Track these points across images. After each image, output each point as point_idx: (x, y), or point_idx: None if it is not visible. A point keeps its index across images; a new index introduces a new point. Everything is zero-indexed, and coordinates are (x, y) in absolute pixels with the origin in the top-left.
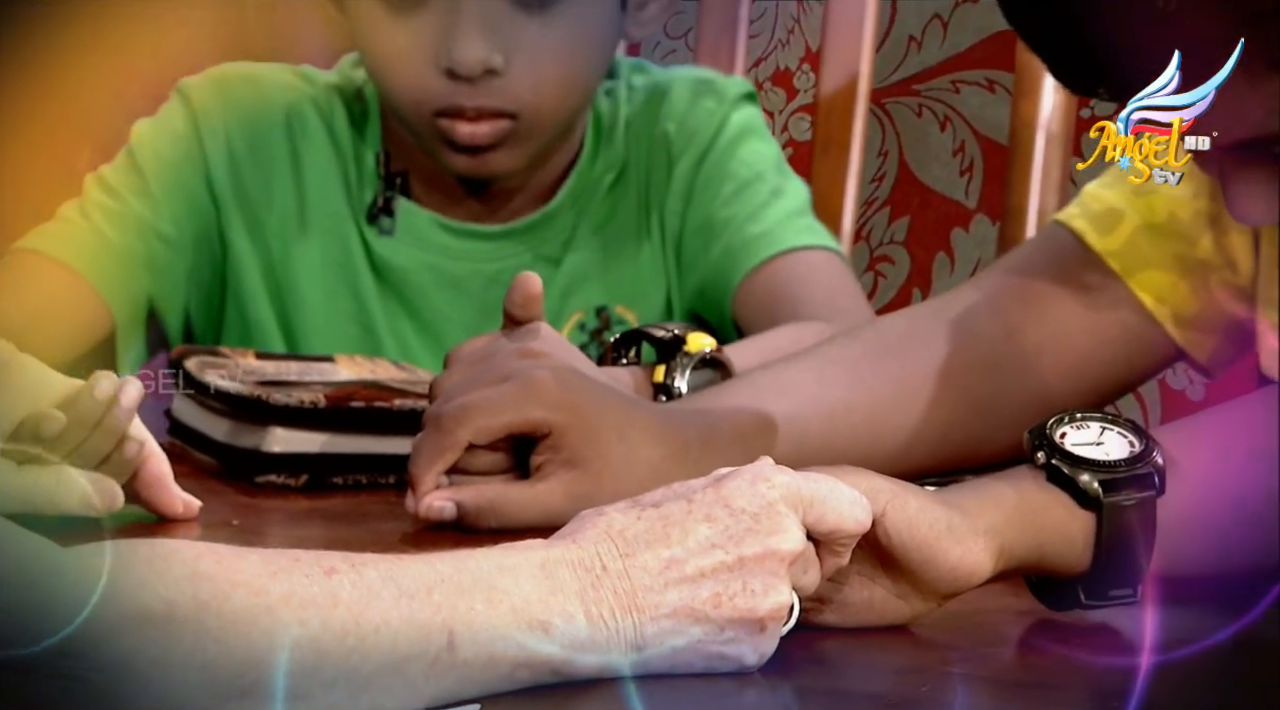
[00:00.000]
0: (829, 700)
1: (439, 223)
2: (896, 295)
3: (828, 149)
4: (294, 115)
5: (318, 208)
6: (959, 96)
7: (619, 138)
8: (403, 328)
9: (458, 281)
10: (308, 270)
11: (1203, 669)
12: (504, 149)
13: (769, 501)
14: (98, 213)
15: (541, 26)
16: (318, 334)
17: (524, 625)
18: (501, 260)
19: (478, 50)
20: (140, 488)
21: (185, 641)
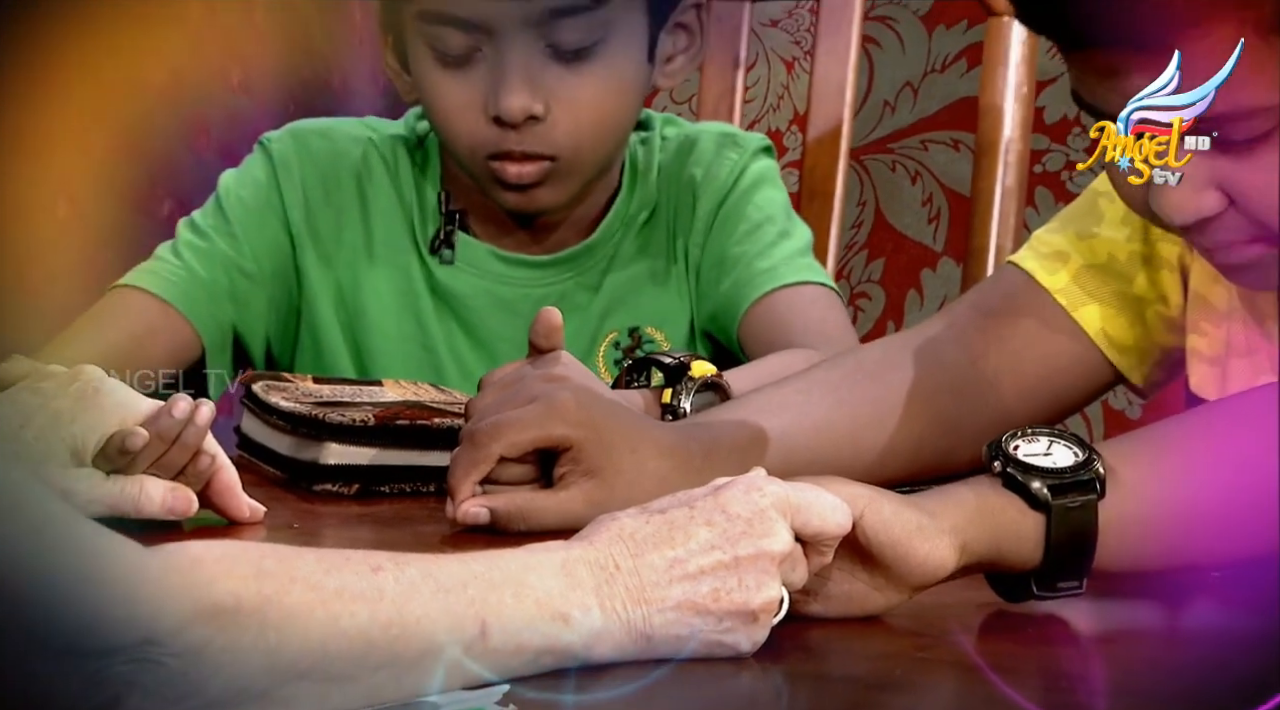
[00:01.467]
0: (814, 682)
1: (494, 253)
2: (873, 327)
3: (813, 199)
4: (362, 162)
5: (384, 242)
6: (928, 154)
7: (652, 181)
8: (460, 346)
9: (510, 304)
10: (375, 298)
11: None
12: (547, 186)
13: (761, 508)
14: (188, 251)
15: (576, 78)
16: (384, 354)
17: (547, 617)
18: (549, 285)
19: (521, 100)
20: (212, 495)
21: (251, 631)
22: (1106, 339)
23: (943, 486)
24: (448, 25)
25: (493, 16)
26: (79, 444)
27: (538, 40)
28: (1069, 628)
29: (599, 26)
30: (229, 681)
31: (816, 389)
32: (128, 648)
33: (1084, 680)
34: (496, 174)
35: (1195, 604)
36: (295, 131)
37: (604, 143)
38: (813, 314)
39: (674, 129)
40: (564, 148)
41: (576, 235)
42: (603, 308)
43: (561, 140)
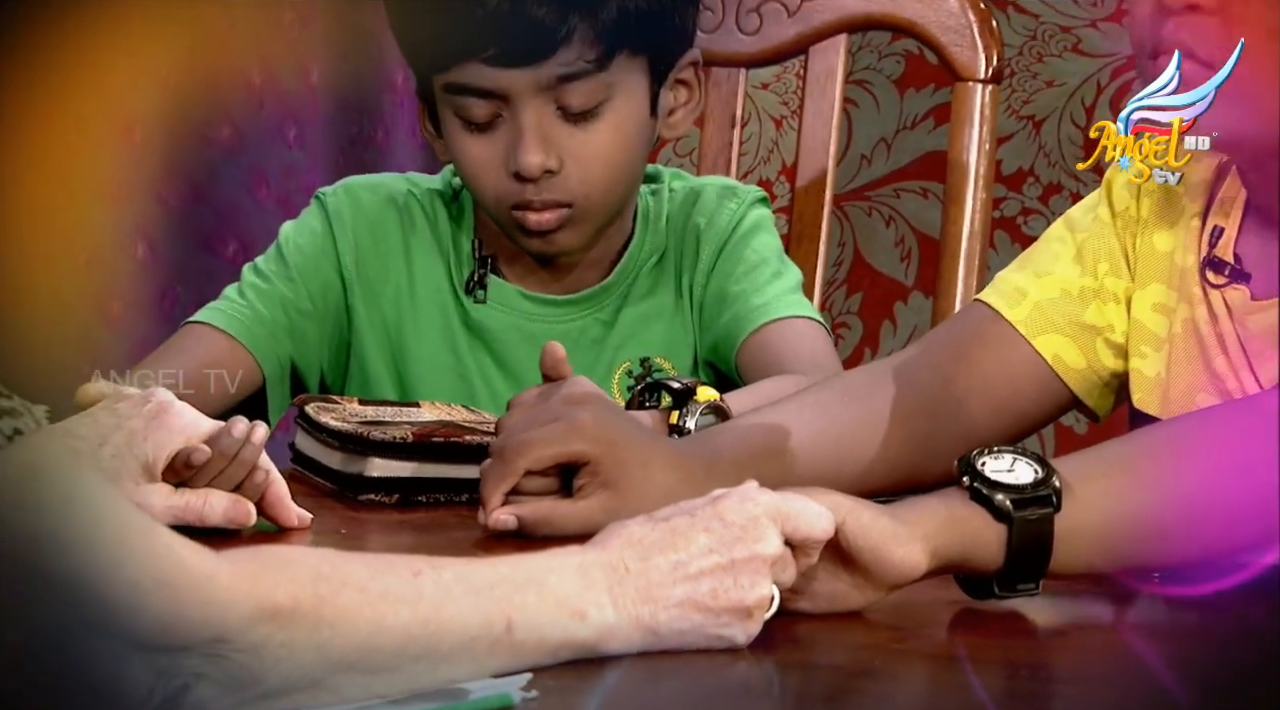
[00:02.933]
0: (802, 671)
1: (521, 293)
2: (852, 353)
3: (800, 241)
4: (405, 214)
5: (424, 284)
6: (900, 201)
7: (661, 228)
8: (492, 376)
9: (536, 338)
10: (417, 333)
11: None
12: (565, 231)
13: (754, 516)
14: (251, 292)
15: (585, 134)
16: (424, 383)
17: (566, 614)
18: (570, 321)
19: (537, 158)
20: (266, 506)
21: (306, 628)
22: (1062, 364)
23: (916, 497)
24: (471, 95)
25: (509, 85)
26: (150, 460)
27: (549, 104)
28: (1027, 622)
29: (603, 88)
30: (286, 673)
31: (806, 410)
32: (200, 644)
33: (1040, 668)
34: (519, 222)
35: (1138, 602)
36: (348, 186)
37: (614, 190)
38: (802, 344)
39: (681, 182)
40: (578, 196)
41: (594, 276)
42: (617, 341)
43: (575, 189)
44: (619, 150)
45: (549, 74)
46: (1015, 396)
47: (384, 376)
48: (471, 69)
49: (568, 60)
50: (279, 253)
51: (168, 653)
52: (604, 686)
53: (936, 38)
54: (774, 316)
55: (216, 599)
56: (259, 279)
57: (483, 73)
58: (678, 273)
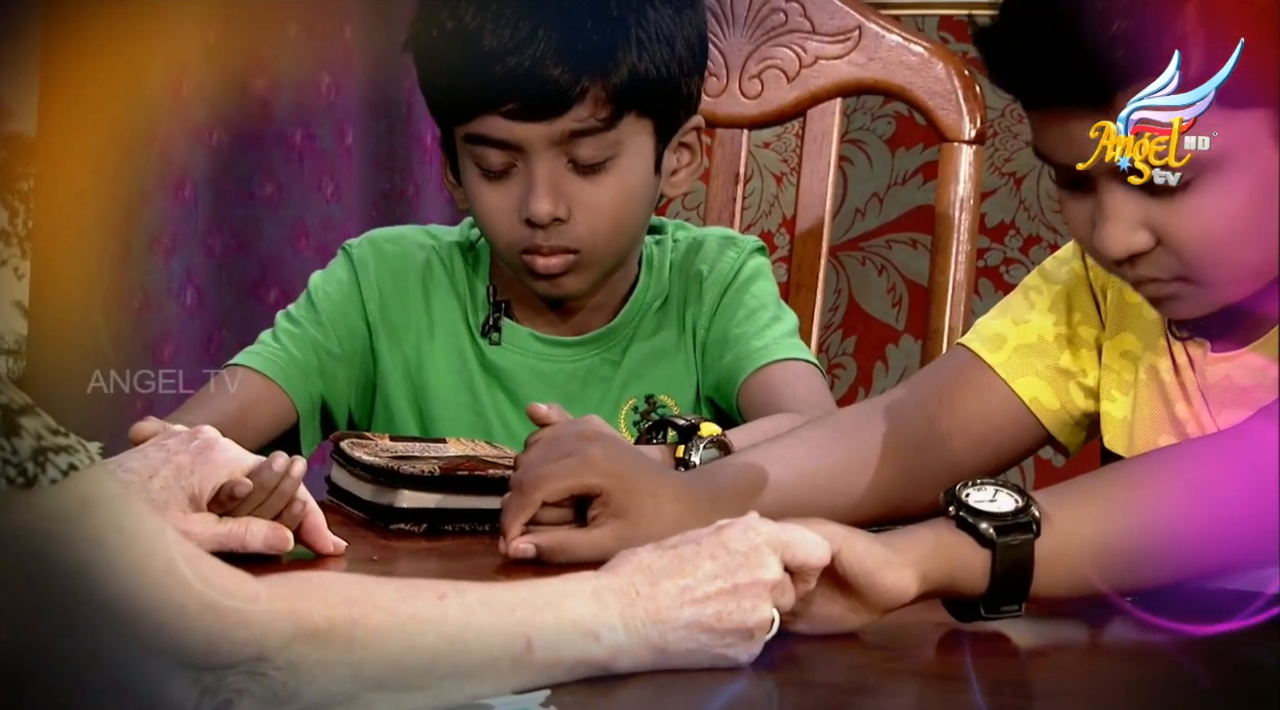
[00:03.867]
0: (799, 688)
1: (533, 335)
2: (847, 392)
3: (799, 289)
4: (425, 263)
5: (443, 328)
6: (891, 252)
7: (665, 275)
8: (506, 412)
9: (547, 377)
10: (436, 373)
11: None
12: (571, 275)
13: (756, 544)
14: (285, 337)
15: (593, 186)
16: (443, 420)
17: (581, 634)
18: (579, 361)
19: (547, 206)
20: (303, 534)
21: (340, 648)
22: (1038, 405)
23: (906, 527)
24: (489, 145)
25: (524, 137)
26: (196, 491)
27: (561, 156)
28: (1010, 643)
29: (610, 145)
30: (322, 690)
31: (802, 446)
32: (242, 663)
33: (1023, 685)
34: (529, 265)
35: (1112, 623)
36: (371, 239)
37: (617, 238)
38: (799, 385)
39: (684, 233)
40: (584, 243)
41: (601, 319)
42: (623, 379)
43: (582, 237)
44: (623, 202)
45: (561, 129)
46: (995, 433)
47: (407, 414)
48: (491, 121)
49: (580, 117)
50: (309, 300)
51: (212, 671)
52: (617, 702)
53: (925, 102)
54: (773, 358)
55: (257, 621)
56: (292, 324)
57: (501, 125)
58: (681, 316)
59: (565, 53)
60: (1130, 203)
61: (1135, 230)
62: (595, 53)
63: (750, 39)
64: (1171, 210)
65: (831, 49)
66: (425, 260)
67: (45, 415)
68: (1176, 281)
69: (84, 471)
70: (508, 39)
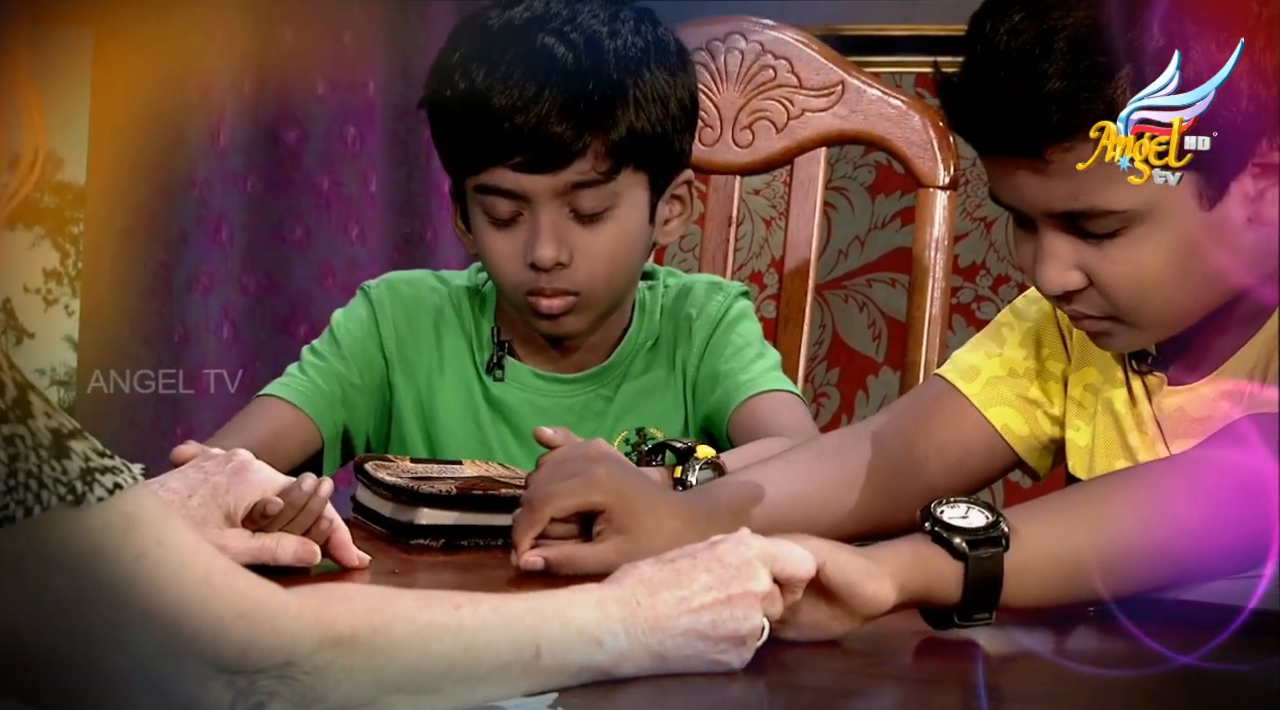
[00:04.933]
0: (788, 691)
1: (534, 373)
2: (831, 419)
3: (787, 324)
4: (436, 305)
5: (451, 364)
6: (872, 290)
7: (656, 318)
8: (509, 442)
9: (546, 411)
10: (445, 405)
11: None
12: (571, 315)
13: (747, 558)
14: (310, 369)
15: (592, 234)
16: (451, 448)
17: (586, 641)
18: (576, 396)
19: (551, 252)
20: (330, 548)
21: (363, 653)
22: (1009, 432)
23: (886, 541)
24: (497, 195)
25: (530, 188)
26: (231, 509)
27: (564, 206)
28: (981, 649)
29: (609, 196)
30: (346, 693)
31: (790, 468)
32: (273, 668)
33: (993, 689)
34: (533, 306)
35: (1076, 630)
36: (388, 281)
37: (614, 282)
38: (784, 413)
39: (674, 279)
40: (584, 286)
41: (596, 358)
42: (616, 413)
43: (582, 280)
44: (620, 249)
45: (565, 181)
46: (969, 457)
47: (419, 442)
48: (499, 173)
49: (582, 170)
50: (332, 336)
51: (245, 675)
52: (619, 704)
53: (903, 151)
54: (759, 390)
55: (286, 629)
56: (316, 358)
57: (509, 177)
58: (671, 356)
59: (569, 111)
60: (1066, 245)
61: (1069, 270)
62: (596, 111)
63: (742, 93)
64: (1102, 254)
65: (817, 103)
66: (437, 302)
67: (93, 439)
68: (1108, 320)
69: (128, 490)
70: (516, 98)
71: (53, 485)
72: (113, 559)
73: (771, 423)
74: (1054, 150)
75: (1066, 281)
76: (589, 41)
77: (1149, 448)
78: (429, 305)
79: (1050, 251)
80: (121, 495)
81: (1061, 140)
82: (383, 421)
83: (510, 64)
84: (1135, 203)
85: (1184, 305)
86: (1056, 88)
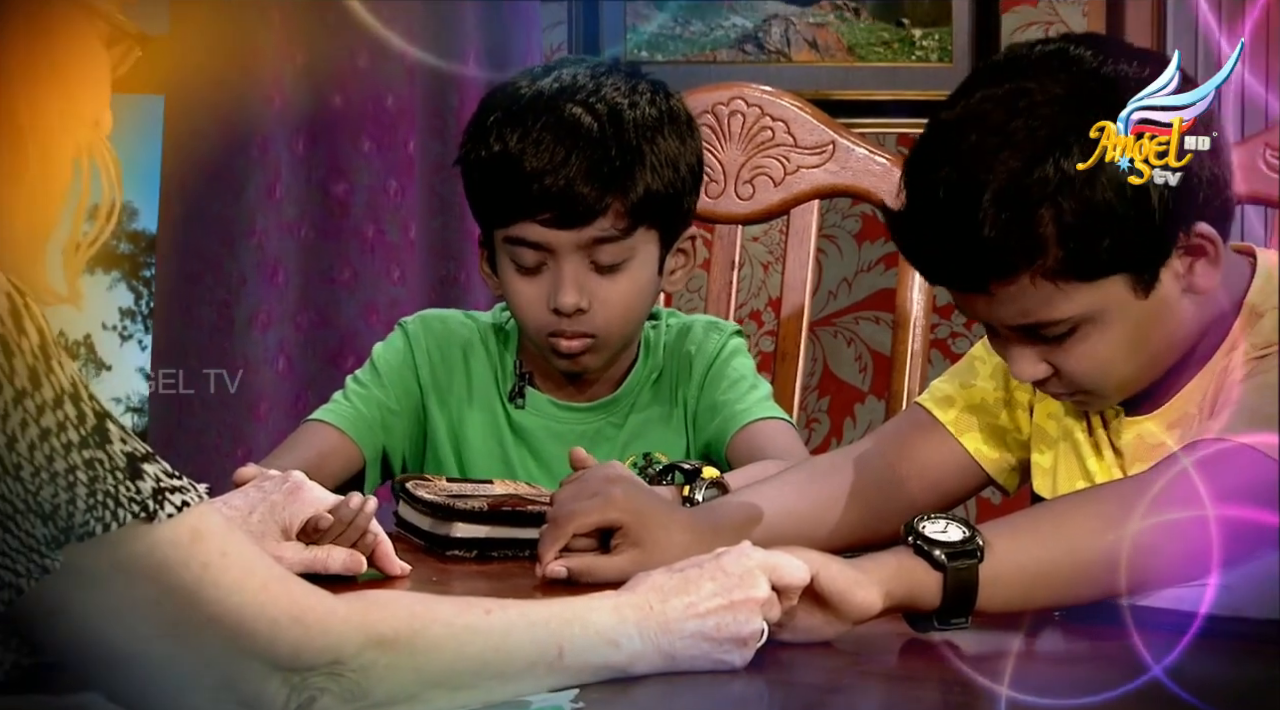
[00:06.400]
0: (785, 687)
1: (552, 402)
2: (822, 443)
3: (784, 359)
4: (465, 339)
5: (479, 393)
6: (859, 327)
7: (660, 354)
8: (529, 463)
9: (562, 436)
10: (473, 430)
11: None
12: (588, 355)
13: (748, 568)
14: (354, 396)
15: (610, 284)
16: (479, 467)
17: (604, 643)
18: (589, 423)
19: (572, 299)
20: (374, 559)
21: (404, 653)
22: (981, 455)
23: (872, 553)
24: (525, 246)
25: (555, 241)
26: (287, 524)
27: (585, 258)
28: (959, 650)
29: (626, 250)
30: (389, 689)
31: (787, 487)
32: (323, 666)
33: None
34: (554, 346)
35: (1043, 632)
36: (423, 317)
37: (627, 327)
38: (778, 438)
39: (675, 319)
40: (600, 329)
41: (607, 389)
42: (625, 439)
43: (599, 325)
44: (633, 298)
45: (587, 236)
46: (945, 478)
47: (450, 462)
48: (528, 227)
49: (602, 227)
50: (372, 366)
51: (298, 672)
52: (634, 698)
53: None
54: (754, 418)
55: (335, 631)
56: (358, 386)
57: (536, 231)
58: (673, 388)
59: (593, 174)
60: (1028, 347)
61: (1036, 364)
62: (617, 175)
63: (744, 151)
64: (1061, 350)
65: (810, 160)
66: (466, 337)
67: (163, 462)
68: (1076, 394)
69: (194, 508)
70: (546, 161)
71: (128, 503)
72: (182, 568)
73: (767, 447)
74: (997, 285)
75: (1035, 373)
76: (611, 112)
77: (1105, 471)
78: (459, 339)
79: (1016, 354)
80: (189, 512)
81: (1001, 279)
82: (418, 443)
83: (541, 130)
84: (1079, 310)
85: (1141, 374)
86: (990, 236)
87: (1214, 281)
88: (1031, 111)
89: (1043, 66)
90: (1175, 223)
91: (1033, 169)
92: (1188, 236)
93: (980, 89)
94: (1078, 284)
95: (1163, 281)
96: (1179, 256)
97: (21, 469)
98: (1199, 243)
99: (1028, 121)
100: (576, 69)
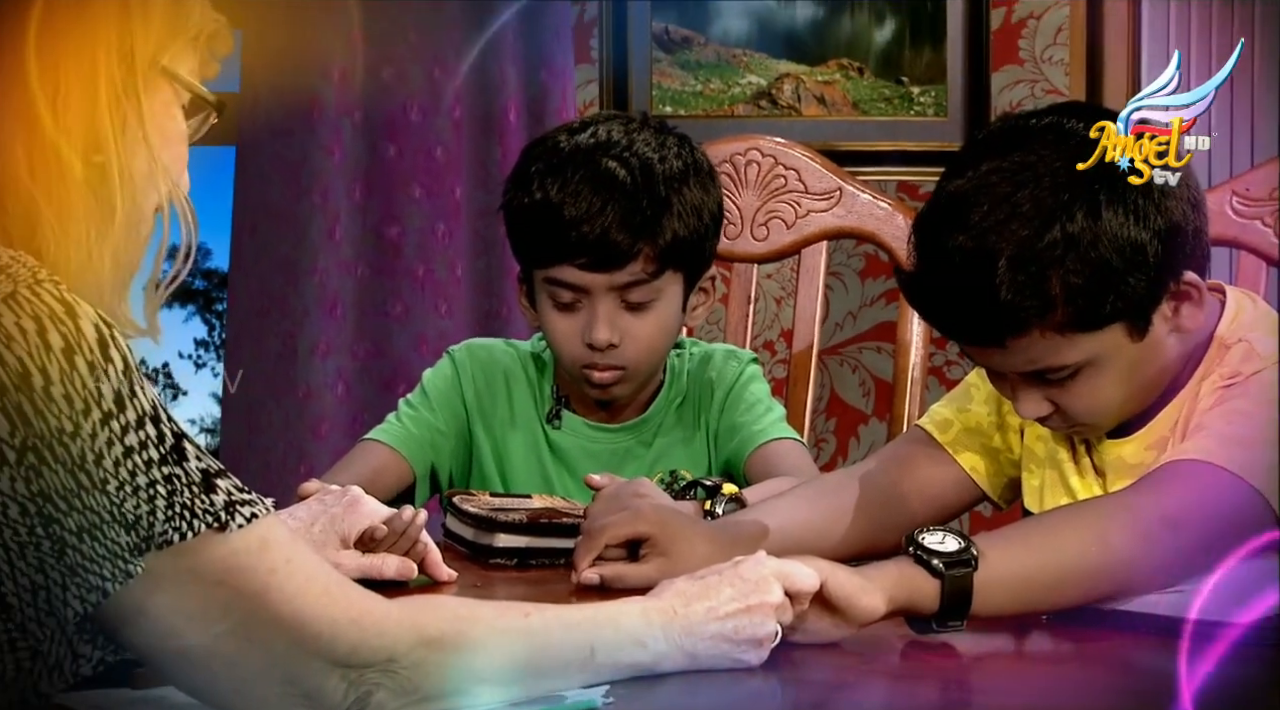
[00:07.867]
0: (796, 684)
1: (586, 424)
2: (829, 461)
3: (795, 384)
4: (507, 367)
5: (520, 415)
6: (863, 356)
7: (684, 380)
8: (565, 479)
9: (595, 455)
10: (515, 450)
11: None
12: (619, 385)
13: (764, 575)
14: (405, 418)
15: (639, 321)
16: (519, 482)
17: (632, 643)
18: (619, 444)
19: (605, 335)
20: (424, 566)
21: (450, 653)
22: (976, 473)
23: (876, 562)
24: (563, 286)
25: (591, 283)
26: (346, 534)
27: (617, 298)
28: (955, 650)
29: (654, 291)
30: (437, 685)
31: (798, 502)
32: (378, 663)
33: (965, 683)
34: (587, 377)
35: (1032, 634)
36: (469, 346)
37: (654, 359)
38: (790, 457)
39: (697, 348)
40: (630, 363)
41: (635, 413)
42: (652, 458)
43: (629, 358)
44: (660, 334)
45: (620, 279)
46: (943, 494)
47: (494, 478)
48: (566, 270)
49: (634, 271)
50: (422, 390)
51: (356, 669)
52: (659, 694)
53: (889, 244)
54: (769, 438)
55: (389, 631)
56: (409, 408)
57: (574, 273)
58: (696, 412)
59: (626, 223)
60: (1033, 388)
61: (1040, 403)
62: (648, 223)
63: (759, 197)
64: (1063, 390)
65: (819, 205)
66: (508, 364)
67: (234, 478)
68: (1074, 427)
69: (262, 519)
70: (584, 211)
71: (202, 515)
72: (250, 574)
73: (781, 465)
74: (1010, 340)
75: (1039, 411)
76: (643, 165)
77: (1088, 489)
78: (502, 366)
79: (1021, 395)
80: (257, 523)
81: (1014, 334)
82: (464, 461)
83: (579, 182)
84: (1082, 356)
85: (1130, 407)
86: (1006, 298)
87: (1199, 321)
88: (1036, 183)
89: (1041, 139)
90: (1166, 274)
91: (1042, 236)
92: (1177, 285)
93: (985, 161)
94: (1082, 334)
95: (1154, 325)
96: (1167, 301)
97: (108, 483)
98: (1185, 289)
99: (1033, 192)
100: (611, 125)
